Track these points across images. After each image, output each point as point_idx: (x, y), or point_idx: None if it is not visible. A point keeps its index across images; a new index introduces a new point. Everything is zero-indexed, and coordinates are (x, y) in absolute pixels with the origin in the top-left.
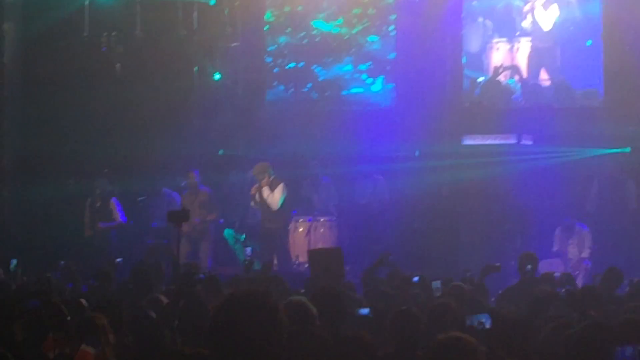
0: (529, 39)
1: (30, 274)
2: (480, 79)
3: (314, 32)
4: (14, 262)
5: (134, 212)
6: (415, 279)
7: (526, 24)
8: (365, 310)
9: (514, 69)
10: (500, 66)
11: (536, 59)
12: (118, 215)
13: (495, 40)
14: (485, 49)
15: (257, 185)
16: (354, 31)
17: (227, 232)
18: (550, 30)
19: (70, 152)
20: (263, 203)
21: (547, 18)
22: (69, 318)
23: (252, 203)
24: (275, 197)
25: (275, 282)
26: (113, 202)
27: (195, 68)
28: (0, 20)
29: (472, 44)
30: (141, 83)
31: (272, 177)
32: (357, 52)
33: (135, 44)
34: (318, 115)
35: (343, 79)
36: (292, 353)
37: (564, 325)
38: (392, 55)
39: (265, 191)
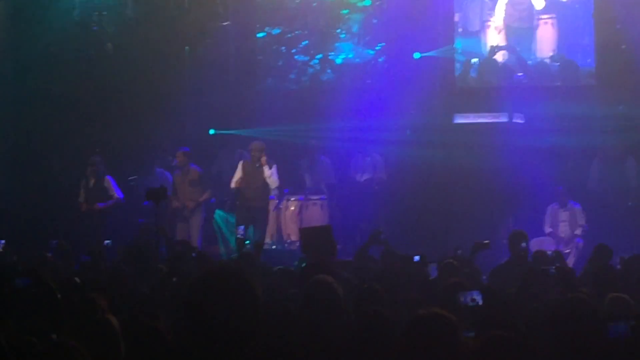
0: (527, 17)
1: (21, 254)
2: (475, 60)
3: None
4: (2, 242)
5: (125, 191)
6: (416, 258)
7: (524, 2)
8: None
9: (510, 48)
10: (496, 45)
11: (533, 37)
12: (114, 192)
13: (493, 18)
14: (483, 27)
15: (245, 162)
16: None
17: (218, 213)
18: (548, 7)
19: (61, 131)
20: (254, 181)
21: None
22: (59, 296)
23: (236, 180)
24: (274, 176)
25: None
26: (108, 180)
27: (187, 47)
28: None
29: (470, 22)
30: (132, 62)
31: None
32: (351, 23)
33: (126, 23)
34: (308, 92)
35: (336, 51)
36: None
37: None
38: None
39: (266, 170)
